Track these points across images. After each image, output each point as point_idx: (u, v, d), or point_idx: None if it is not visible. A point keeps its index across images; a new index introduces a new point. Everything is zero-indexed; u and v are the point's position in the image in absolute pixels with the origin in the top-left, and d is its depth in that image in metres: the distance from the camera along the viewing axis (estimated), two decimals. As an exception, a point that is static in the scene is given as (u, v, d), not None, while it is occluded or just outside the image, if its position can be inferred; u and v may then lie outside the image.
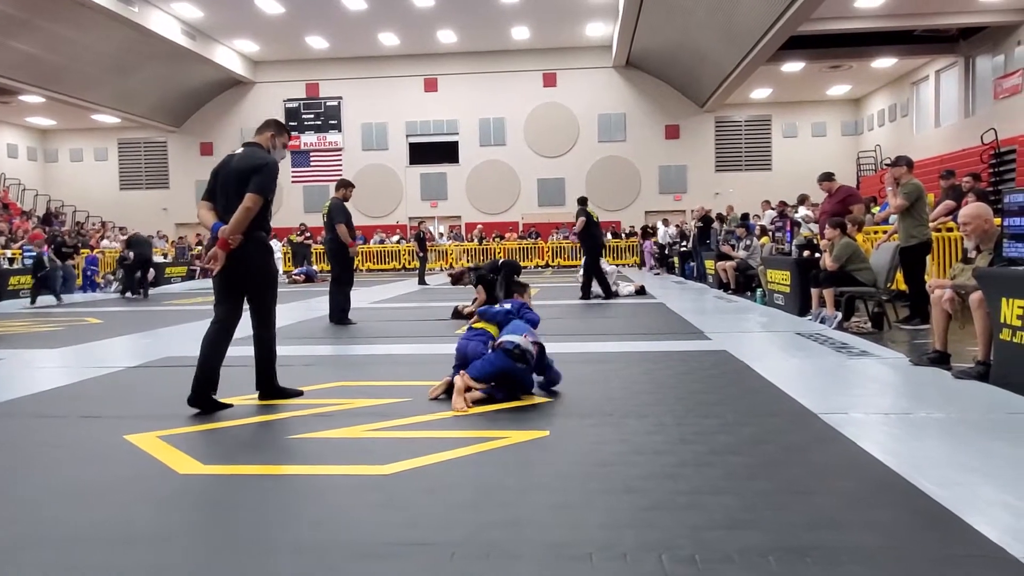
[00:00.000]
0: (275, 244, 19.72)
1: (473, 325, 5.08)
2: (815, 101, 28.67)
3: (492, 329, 4.85)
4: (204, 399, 4.36)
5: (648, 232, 24.69)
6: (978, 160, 16.85)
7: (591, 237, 12.37)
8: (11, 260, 14.97)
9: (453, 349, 4.95)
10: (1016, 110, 18.51)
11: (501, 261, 10.06)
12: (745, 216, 17.16)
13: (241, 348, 4.49)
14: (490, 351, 4.54)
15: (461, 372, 4.53)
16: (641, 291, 12.92)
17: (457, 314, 9.44)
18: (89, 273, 17.97)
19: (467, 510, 2.66)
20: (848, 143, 28.73)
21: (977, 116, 20.54)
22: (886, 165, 9.27)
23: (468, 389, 4.37)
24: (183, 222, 30.45)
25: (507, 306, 5.08)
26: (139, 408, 4.52)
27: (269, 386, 4.63)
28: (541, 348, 4.59)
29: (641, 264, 24.77)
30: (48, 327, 9.50)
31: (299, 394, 4.72)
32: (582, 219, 12.12)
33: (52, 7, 19.29)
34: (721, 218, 17.50)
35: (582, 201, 12.48)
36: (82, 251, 17.29)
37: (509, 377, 4.41)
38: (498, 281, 9.48)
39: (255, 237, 4.38)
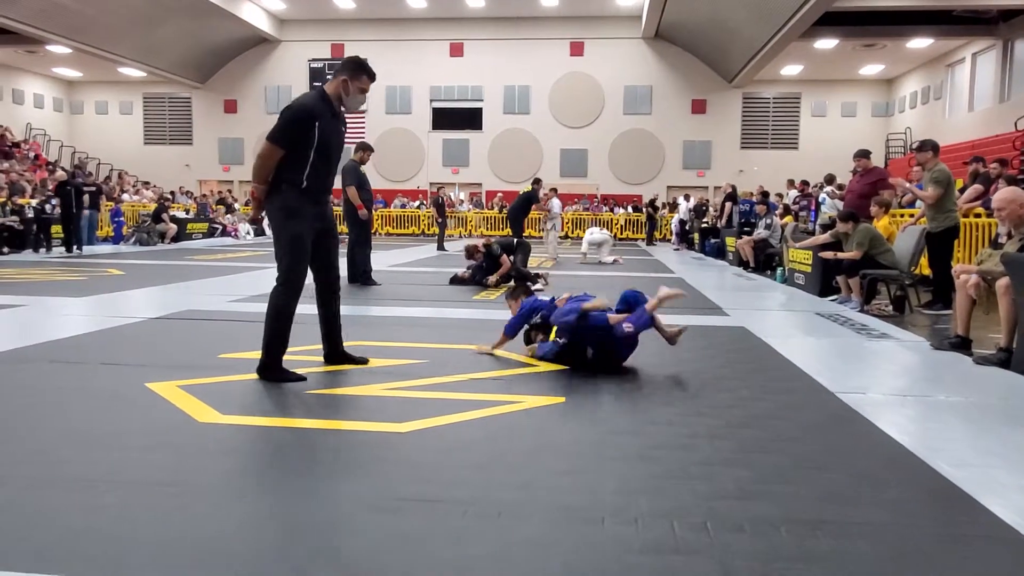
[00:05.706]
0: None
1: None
2: (846, 80, 28.10)
3: None
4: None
5: (655, 207, 24.41)
6: (1011, 147, 16.48)
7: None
8: (40, 210, 15.18)
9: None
10: (1054, 96, 18.08)
11: (516, 241, 10.09)
12: (765, 194, 16.93)
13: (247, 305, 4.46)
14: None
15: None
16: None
17: (456, 280, 9.42)
18: (115, 226, 18.31)
19: (480, 470, 2.68)
20: (878, 124, 28.20)
21: (1012, 101, 20.06)
22: (912, 150, 9.13)
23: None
24: (205, 179, 30.59)
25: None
26: (160, 358, 4.58)
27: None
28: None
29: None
30: (70, 276, 9.63)
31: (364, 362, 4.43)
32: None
33: (80, -43, 19.26)
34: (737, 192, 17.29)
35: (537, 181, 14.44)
36: (106, 203, 17.47)
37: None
38: (517, 259, 9.49)
39: (279, 187, 3.94)
